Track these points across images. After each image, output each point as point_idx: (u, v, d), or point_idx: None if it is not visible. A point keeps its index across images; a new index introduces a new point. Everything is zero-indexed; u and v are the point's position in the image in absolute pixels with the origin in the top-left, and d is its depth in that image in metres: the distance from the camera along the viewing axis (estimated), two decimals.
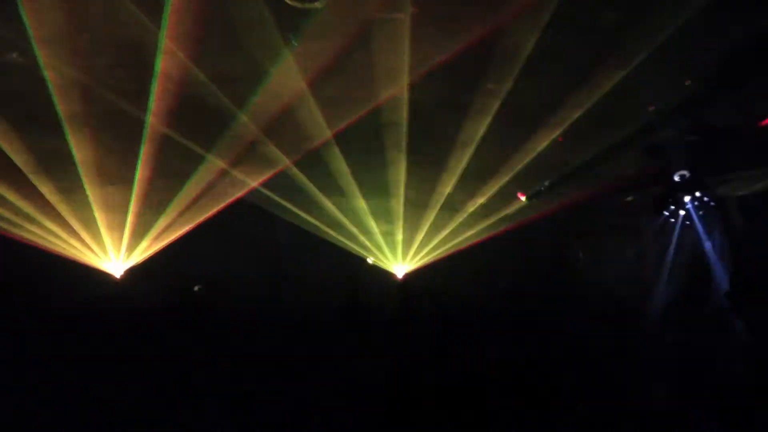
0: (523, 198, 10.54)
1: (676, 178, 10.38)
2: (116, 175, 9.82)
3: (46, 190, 10.12)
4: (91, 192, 10.20)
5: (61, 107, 8.32)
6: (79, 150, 9.10)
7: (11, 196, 10.13)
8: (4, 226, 10.59)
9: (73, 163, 9.37)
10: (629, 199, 10.91)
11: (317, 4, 6.97)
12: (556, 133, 8.87)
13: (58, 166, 9.37)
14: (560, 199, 10.34)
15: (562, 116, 8.54)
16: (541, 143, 9.04)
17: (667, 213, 11.08)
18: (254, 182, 10.07)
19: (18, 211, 10.38)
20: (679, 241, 11.33)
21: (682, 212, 10.98)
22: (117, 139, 9.08)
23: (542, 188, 10.38)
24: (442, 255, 11.87)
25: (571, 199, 10.36)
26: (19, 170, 9.45)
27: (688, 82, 8.05)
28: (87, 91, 8.10)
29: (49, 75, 7.78)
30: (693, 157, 9.98)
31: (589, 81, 7.98)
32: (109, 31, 7.29)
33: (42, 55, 7.54)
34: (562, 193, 10.35)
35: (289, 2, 6.80)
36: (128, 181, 9.86)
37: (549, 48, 7.39)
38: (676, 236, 11.35)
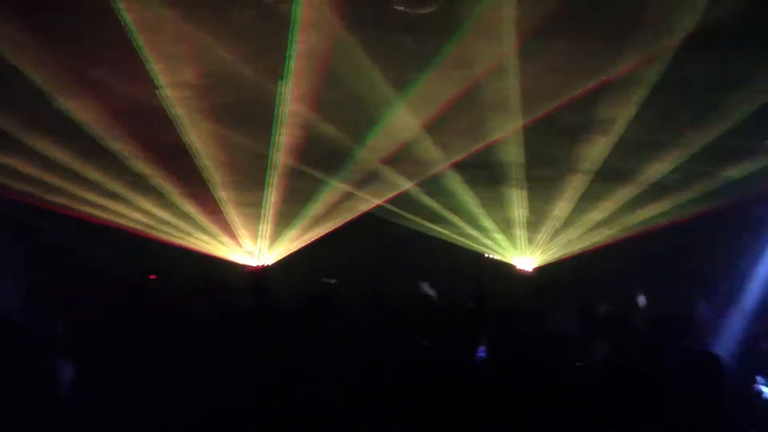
0: None
1: None
2: (246, 198, 10.53)
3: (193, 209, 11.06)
4: (229, 213, 11.03)
5: (193, 142, 9.00)
6: (213, 175, 9.84)
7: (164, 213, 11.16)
8: (160, 234, 11.62)
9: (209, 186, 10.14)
10: None
11: (428, 9, 7.01)
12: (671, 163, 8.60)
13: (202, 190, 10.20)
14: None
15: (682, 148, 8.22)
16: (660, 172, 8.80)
17: None
18: (378, 200, 10.43)
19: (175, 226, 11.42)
20: None
21: None
22: (245, 170, 9.72)
23: None
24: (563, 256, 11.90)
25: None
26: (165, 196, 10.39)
27: None
28: (217, 131, 8.72)
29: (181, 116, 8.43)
30: None
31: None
32: (232, 90, 7.80)
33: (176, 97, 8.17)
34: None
35: (397, 7, 6.82)
36: (257, 205, 10.54)
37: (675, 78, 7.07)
38: None
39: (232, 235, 12.03)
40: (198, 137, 8.70)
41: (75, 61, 7.07)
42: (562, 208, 10.60)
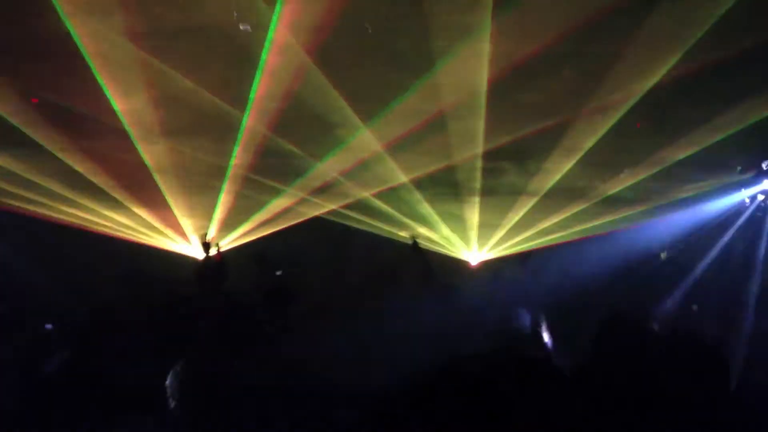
0: None
1: (765, 167, 10.11)
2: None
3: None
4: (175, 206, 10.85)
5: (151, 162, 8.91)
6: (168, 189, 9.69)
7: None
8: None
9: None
10: None
11: None
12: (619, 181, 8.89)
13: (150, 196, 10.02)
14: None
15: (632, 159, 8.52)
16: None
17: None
18: (333, 205, 10.42)
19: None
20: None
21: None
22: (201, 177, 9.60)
23: None
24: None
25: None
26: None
27: None
28: (173, 149, 8.57)
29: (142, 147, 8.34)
30: None
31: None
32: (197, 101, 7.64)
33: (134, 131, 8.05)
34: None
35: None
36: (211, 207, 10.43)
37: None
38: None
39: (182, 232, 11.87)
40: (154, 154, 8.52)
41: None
42: (512, 218, 10.84)
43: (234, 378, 5.05)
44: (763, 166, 10.02)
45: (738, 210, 10.77)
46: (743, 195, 10.44)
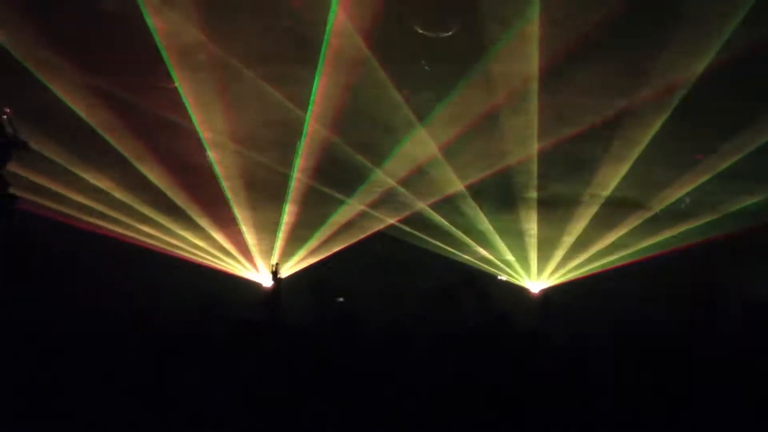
0: None
1: None
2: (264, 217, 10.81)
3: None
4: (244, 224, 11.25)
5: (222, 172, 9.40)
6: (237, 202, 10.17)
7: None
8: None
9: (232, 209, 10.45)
10: None
11: (447, 33, 7.29)
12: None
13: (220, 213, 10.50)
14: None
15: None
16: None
17: None
18: (392, 220, 10.65)
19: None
20: None
21: None
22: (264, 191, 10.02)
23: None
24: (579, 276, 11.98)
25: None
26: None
27: None
28: (242, 155, 9.05)
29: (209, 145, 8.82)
30: None
31: None
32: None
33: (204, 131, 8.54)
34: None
35: (421, 31, 7.11)
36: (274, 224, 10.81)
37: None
38: None
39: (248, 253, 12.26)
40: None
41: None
42: (571, 233, 10.79)
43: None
44: None
45: None
46: None
